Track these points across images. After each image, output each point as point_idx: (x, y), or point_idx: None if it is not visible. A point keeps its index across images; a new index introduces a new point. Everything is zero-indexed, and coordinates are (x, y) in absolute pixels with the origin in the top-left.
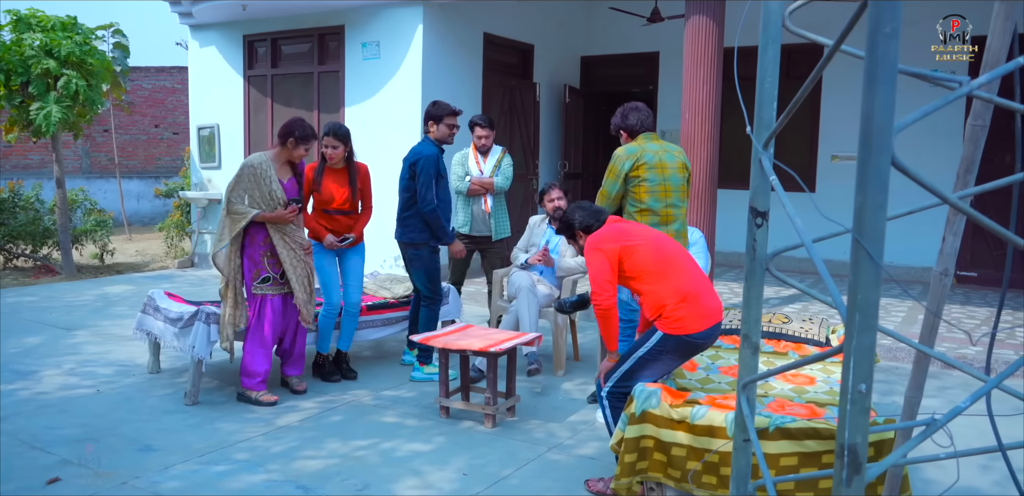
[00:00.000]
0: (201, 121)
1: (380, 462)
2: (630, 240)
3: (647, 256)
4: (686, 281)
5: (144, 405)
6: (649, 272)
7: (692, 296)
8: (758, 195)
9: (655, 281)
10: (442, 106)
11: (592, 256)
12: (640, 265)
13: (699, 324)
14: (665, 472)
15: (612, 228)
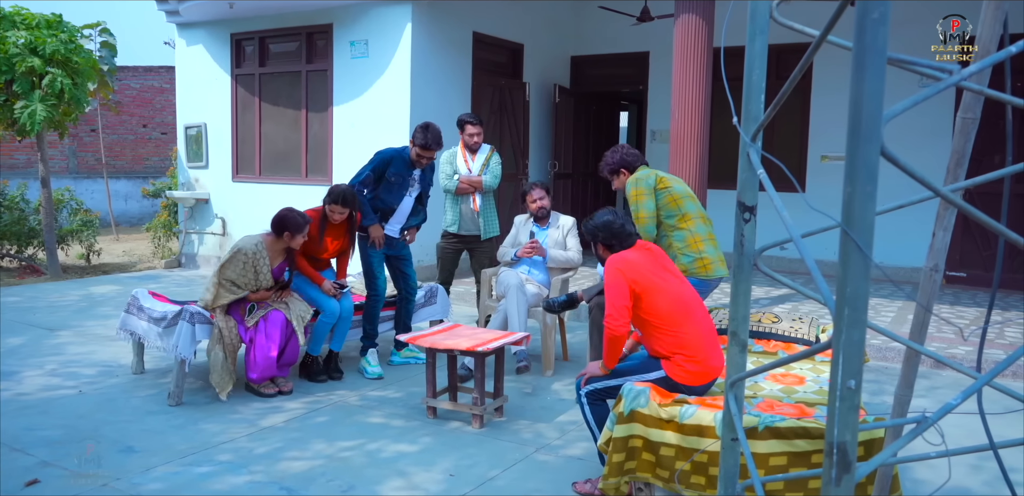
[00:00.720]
0: (188, 120)
1: (366, 463)
2: (655, 279)
3: (667, 303)
4: (698, 336)
5: (127, 406)
6: (665, 319)
7: (702, 355)
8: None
9: (674, 331)
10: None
11: (613, 276)
12: (657, 310)
13: (701, 379)
14: (654, 472)
15: (641, 256)
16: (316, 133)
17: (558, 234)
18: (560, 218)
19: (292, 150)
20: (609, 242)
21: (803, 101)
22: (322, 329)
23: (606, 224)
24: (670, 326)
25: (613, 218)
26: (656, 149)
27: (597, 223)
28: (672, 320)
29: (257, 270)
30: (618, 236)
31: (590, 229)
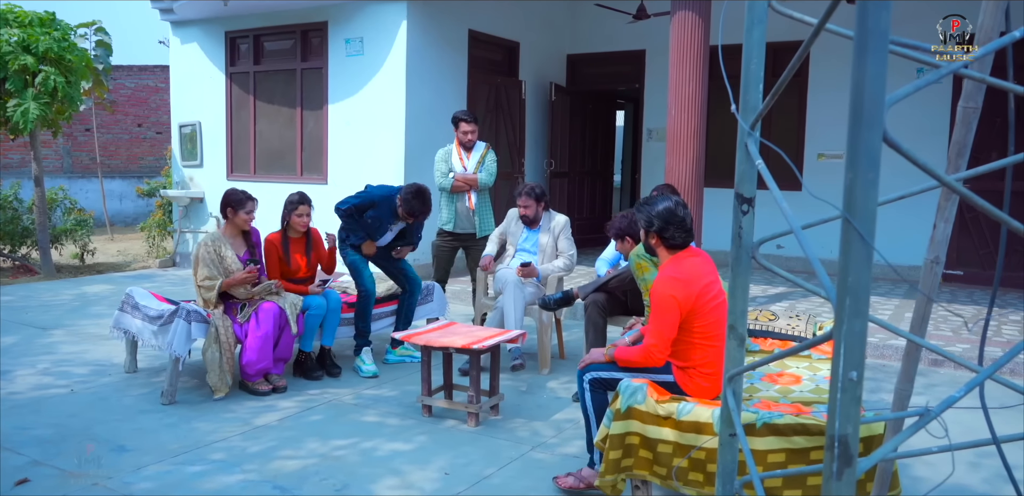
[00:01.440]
0: (183, 119)
1: (360, 462)
2: (706, 299)
3: (708, 322)
4: (722, 354)
5: (119, 405)
6: (699, 336)
7: (719, 373)
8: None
9: (702, 346)
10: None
11: (665, 302)
12: (695, 328)
13: (710, 395)
14: (651, 469)
15: (687, 270)
16: (311, 131)
17: (548, 239)
18: (553, 220)
19: (287, 148)
20: (667, 234)
21: (800, 99)
22: (312, 323)
23: (667, 213)
24: (702, 342)
25: (674, 206)
26: (652, 148)
27: (657, 210)
28: (706, 337)
29: (221, 255)
30: (680, 227)
31: (646, 216)
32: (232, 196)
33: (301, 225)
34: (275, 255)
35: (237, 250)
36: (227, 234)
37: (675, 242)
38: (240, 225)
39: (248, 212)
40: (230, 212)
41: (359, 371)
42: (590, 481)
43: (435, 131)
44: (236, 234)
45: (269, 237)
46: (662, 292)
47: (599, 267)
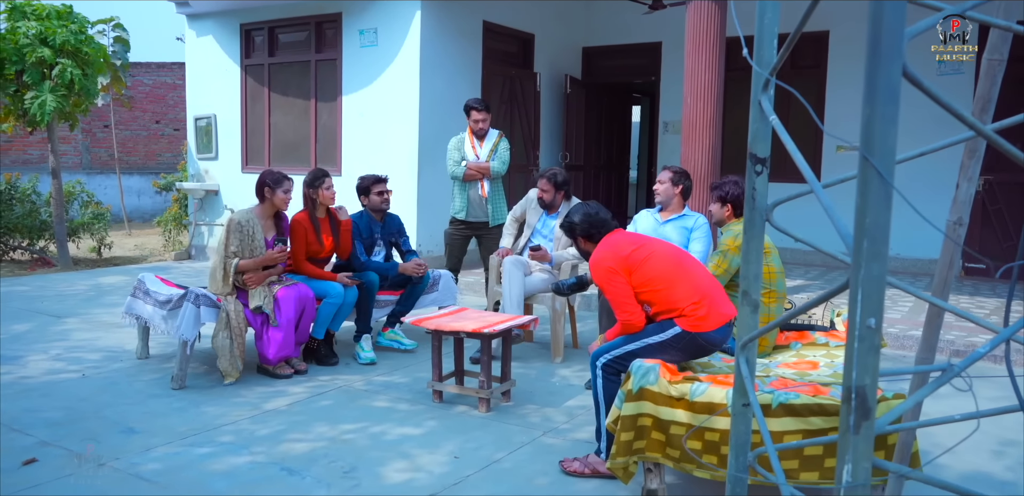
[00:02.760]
0: (198, 112)
1: (368, 445)
2: (638, 252)
3: (657, 265)
4: (701, 282)
5: (129, 389)
6: (661, 279)
7: (708, 295)
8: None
9: (667, 287)
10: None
11: (605, 277)
12: (650, 275)
13: (716, 322)
14: (663, 452)
15: (614, 241)
16: (325, 123)
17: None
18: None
19: (301, 140)
20: (589, 233)
21: (818, 93)
22: (327, 311)
23: (585, 218)
24: (666, 284)
25: (587, 209)
26: (669, 140)
27: (574, 221)
28: (666, 278)
29: (253, 237)
30: (596, 225)
31: (567, 228)
32: (269, 175)
33: (331, 198)
34: (303, 236)
35: (266, 232)
36: (259, 215)
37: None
38: (278, 205)
39: (286, 191)
40: (267, 191)
41: (357, 357)
42: (596, 468)
43: (449, 122)
44: (269, 216)
45: (296, 217)
46: (598, 267)
47: None
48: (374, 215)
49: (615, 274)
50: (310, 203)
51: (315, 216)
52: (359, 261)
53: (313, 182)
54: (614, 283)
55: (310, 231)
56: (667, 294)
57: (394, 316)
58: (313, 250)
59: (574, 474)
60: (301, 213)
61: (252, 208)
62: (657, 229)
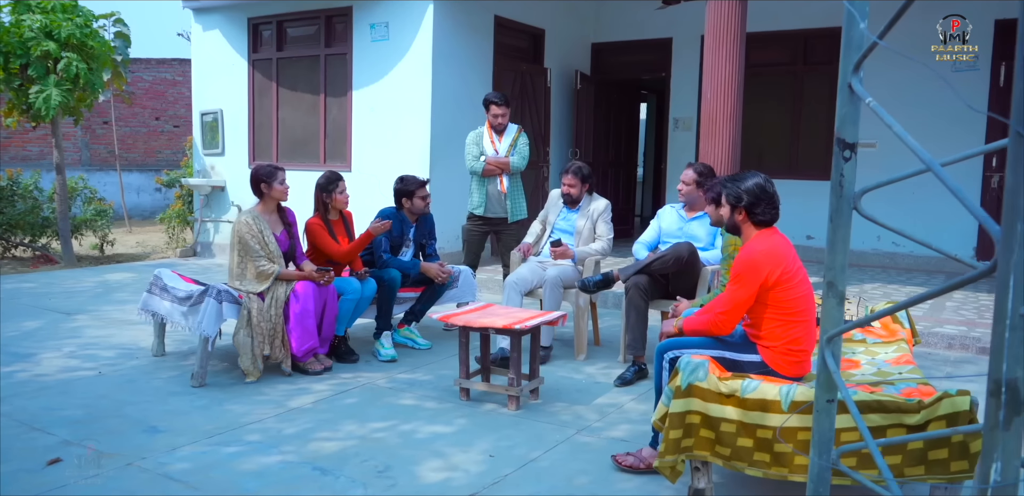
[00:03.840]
0: (204, 107)
1: (400, 444)
2: (795, 271)
3: (801, 294)
4: (811, 330)
5: (148, 387)
6: (796, 312)
7: (810, 349)
8: (846, 124)
9: (791, 321)
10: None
11: (746, 273)
12: (787, 300)
13: (799, 372)
14: (712, 450)
15: (776, 246)
16: (335, 118)
17: (585, 222)
18: (592, 203)
19: (310, 136)
20: (755, 209)
21: (831, 88)
22: (346, 307)
23: (757, 188)
24: (794, 317)
25: (764, 182)
26: (679, 138)
27: (747, 186)
28: (800, 312)
29: (264, 237)
30: (767, 205)
31: (734, 192)
32: (261, 170)
33: (344, 202)
34: (325, 237)
35: (274, 229)
36: (262, 212)
37: (763, 219)
38: (278, 197)
39: (282, 182)
40: (264, 187)
41: (377, 354)
42: (651, 461)
43: (460, 118)
44: (271, 211)
45: (310, 222)
46: (747, 262)
47: (637, 250)
48: (409, 216)
49: (757, 276)
50: (322, 207)
51: (328, 220)
52: (381, 258)
53: (327, 186)
54: (747, 283)
55: (326, 235)
56: (781, 327)
57: (412, 314)
58: (334, 251)
59: (630, 469)
60: (314, 218)
61: (254, 207)
62: (683, 226)
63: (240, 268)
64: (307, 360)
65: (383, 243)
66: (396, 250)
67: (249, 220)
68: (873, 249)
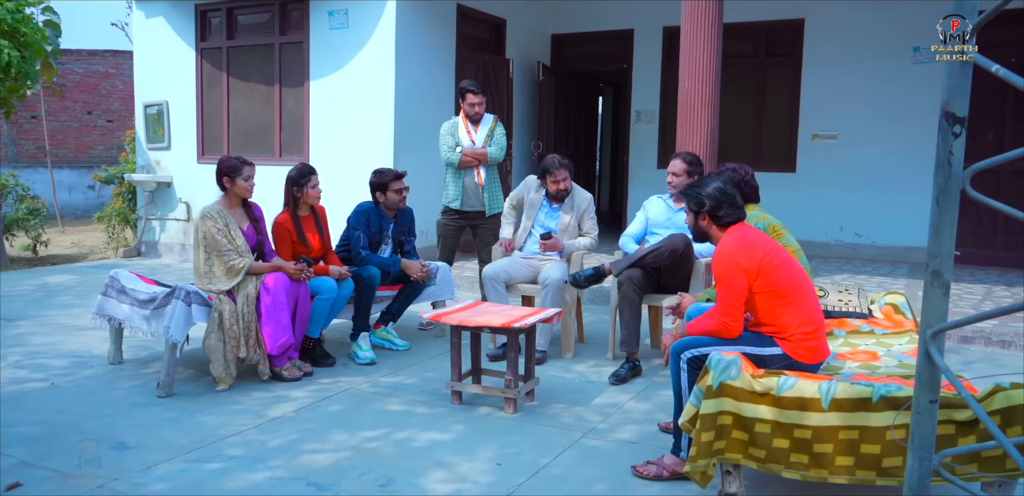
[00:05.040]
0: (148, 98)
1: (398, 454)
2: (772, 257)
3: (787, 278)
4: (818, 308)
5: (109, 398)
6: (786, 295)
7: (822, 327)
8: (955, 97)
9: (788, 305)
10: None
11: (728, 271)
12: (778, 286)
13: (820, 357)
14: (745, 452)
15: (749, 236)
16: (291, 110)
17: (570, 218)
18: (576, 197)
19: (264, 128)
20: (719, 213)
21: (794, 79)
22: (321, 307)
23: (719, 192)
24: (788, 300)
25: (723, 186)
26: (641, 130)
27: (707, 191)
28: (792, 294)
29: (231, 231)
30: (730, 207)
31: (695, 198)
32: (225, 163)
33: (316, 197)
34: (289, 238)
35: (240, 223)
36: (228, 207)
37: (729, 220)
38: (241, 194)
39: (247, 178)
40: (227, 182)
41: (355, 357)
42: (675, 469)
43: (424, 109)
44: (237, 205)
45: (278, 219)
46: (726, 259)
47: (624, 243)
48: (387, 212)
49: (740, 272)
50: (293, 202)
51: (297, 215)
52: (359, 255)
53: (299, 179)
54: (734, 281)
55: (293, 233)
56: (783, 311)
57: (389, 314)
58: (299, 251)
59: (656, 479)
60: (283, 214)
61: (218, 200)
62: (671, 217)
63: (207, 265)
64: (284, 363)
65: (361, 239)
66: (375, 247)
67: (213, 214)
68: (836, 241)
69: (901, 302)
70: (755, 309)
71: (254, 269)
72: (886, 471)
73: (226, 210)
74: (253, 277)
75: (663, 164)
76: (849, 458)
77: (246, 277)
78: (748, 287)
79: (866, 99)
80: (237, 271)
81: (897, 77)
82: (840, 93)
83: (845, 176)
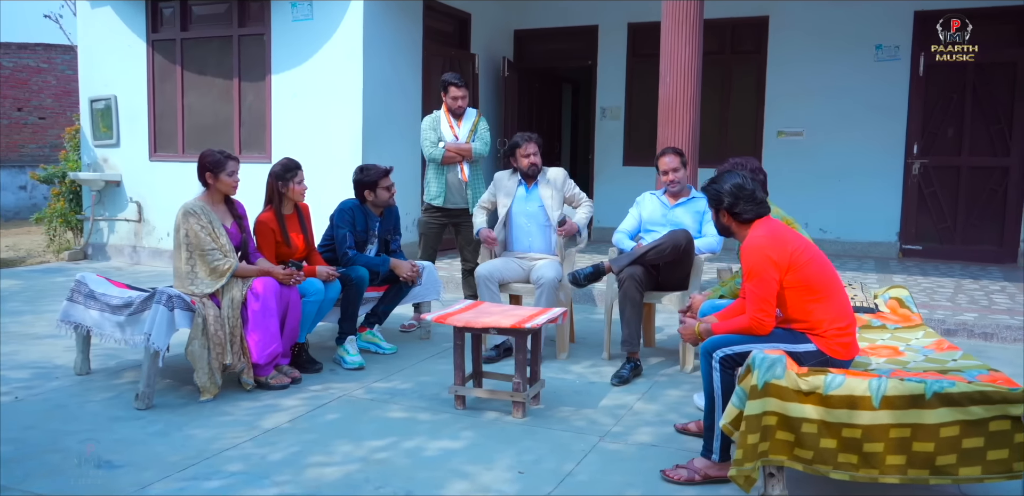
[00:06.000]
0: (94, 93)
1: (411, 464)
2: (803, 251)
3: (819, 272)
4: (846, 304)
5: (84, 412)
6: (819, 290)
7: (853, 323)
8: None
9: (820, 300)
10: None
11: (760, 266)
12: (810, 281)
13: (853, 352)
14: (790, 454)
15: (778, 230)
16: (251, 105)
17: (550, 191)
18: (548, 172)
19: (222, 124)
20: (738, 210)
21: (758, 76)
22: (309, 310)
23: (736, 188)
24: (820, 296)
25: (742, 181)
26: (606, 127)
27: (724, 188)
28: (824, 289)
29: (215, 229)
30: (750, 202)
31: (713, 194)
32: (209, 158)
33: (302, 194)
34: (272, 238)
35: (223, 221)
36: (211, 204)
37: (749, 217)
38: (224, 191)
39: (231, 174)
40: (209, 177)
41: (342, 362)
42: (707, 472)
43: (391, 104)
44: (219, 202)
45: (261, 218)
46: (756, 253)
47: (619, 240)
48: (373, 210)
49: (772, 266)
50: (277, 198)
51: (281, 213)
52: (346, 255)
53: (284, 174)
54: (766, 276)
55: (277, 232)
56: (815, 307)
57: (375, 316)
58: (282, 252)
59: (688, 483)
60: (266, 213)
61: (199, 196)
62: (666, 213)
63: (189, 266)
64: (269, 372)
65: (347, 239)
66: (361, 246)
67: (196, 210)
68: None
69: (905, 296)
70: (785, 305)
71: (240, 272)
72: (939, 469)
73: (208, 208)
74: (239, 280)
75: (629, 161)
76: (900, 457)
77: (231, 279)
78: (780, 282)
79: (830, 96)
80: (222, 273)
81: (860, 75)
82: (804, 90)
83: (810, 172)
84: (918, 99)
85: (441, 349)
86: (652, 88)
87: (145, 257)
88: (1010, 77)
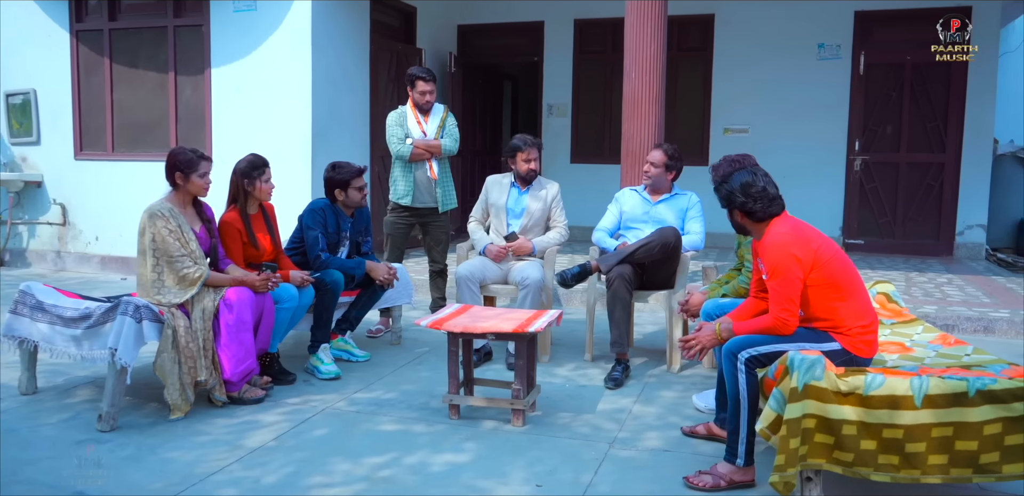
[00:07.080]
0: (10, 86)
1: (420, 482)
2: (826, 248)
3: (842, 269)
4: (867, 301)
5: (39, 437)
6: (843, 288)
7: (875, 320)
8: None
9: (844, 298)
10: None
11: (784, 264)
12: (835, 279)
13: (875, 350)
14: (829, 457)
15: (798, 226)
16: (188, 100)
17: (538, 205)
18: (545, 183)
19: (156, 121)
20: (750, 208)
21: (705, 75)
22: (282, 317)
23: (745, 186)
24: (844, 294)
25: (752, 179)
26: (554, 124)
27: (733, 186)
28: (848, 287)
29: (184, 233)
30: (761, 199)
31: (724, 193)
32: (180, 156)
33: (269, 193)
34: (239, 239)
35: (192, 224)
36: (179, 206)
37: (762, 216)
38: (195, 192)
39: (203, 175)
40: (179, 177)
41: (316, 372)
42: (732, 477)
43: (339, 100)
44: (187, 204)
45: (225, 218)
46: (780, 251)
47: (600, 238)
48: (344, 210)
49: (797, 265)
50: (243, 197)
51: (247, 213)
52: (319, 258)
53: (251, 172)
54: (790, 274)
55: (243, 233)
56: (839, 305)
57: (347, 322)
58: (249, 254)
59: (713, 490)
60: (231, 213)
61: (166, 197)
62: (649, 210)
63: (155, 273)
64: (240, 387)
65: (319, 241)
66: (332, 248)
67: (164, 213)
68: None
69: (892, 291)
70: (808, 303)
71: (212, 281)
72: (983, 468)
73: (176, 210)
74: (210, 289)
75: (576, 158)
76: (943, 456)
77: (202, 288)
78: (804, 280)
79: (775, 94)
80: (192, 281)
81: (804, 73)
82: (750, 88)
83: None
84: (859, 97)
85: (415, 355)
86: (600, 85)
87: (71, 263)
88: (945, 76)
